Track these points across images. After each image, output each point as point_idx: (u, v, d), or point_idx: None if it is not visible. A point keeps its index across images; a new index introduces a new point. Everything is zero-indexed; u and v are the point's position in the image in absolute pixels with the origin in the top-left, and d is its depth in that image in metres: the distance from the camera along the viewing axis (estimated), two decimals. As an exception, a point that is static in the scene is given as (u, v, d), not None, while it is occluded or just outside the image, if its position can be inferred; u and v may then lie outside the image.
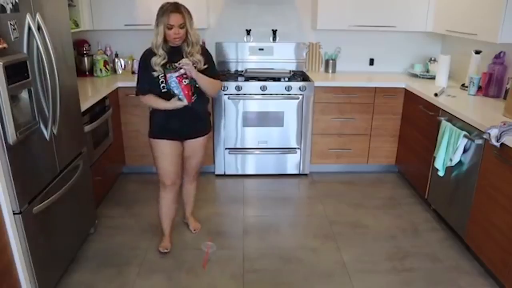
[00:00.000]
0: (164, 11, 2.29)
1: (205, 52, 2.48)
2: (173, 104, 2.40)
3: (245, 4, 3.97)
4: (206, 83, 2.43)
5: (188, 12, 2.35)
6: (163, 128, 2.51)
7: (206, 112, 2.65)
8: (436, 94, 3.17)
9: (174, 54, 2.39)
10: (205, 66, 2.44)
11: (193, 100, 2.41)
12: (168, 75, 2.33)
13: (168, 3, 2.34)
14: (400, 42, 4.13)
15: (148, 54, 2.40)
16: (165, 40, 2.35)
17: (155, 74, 2.37)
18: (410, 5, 3.70)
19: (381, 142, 3.84)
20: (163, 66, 2.37)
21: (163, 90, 2.41)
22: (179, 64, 2.32)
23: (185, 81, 2.34)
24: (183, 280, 2.44)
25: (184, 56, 2.38)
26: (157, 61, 2.36)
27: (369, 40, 4.12)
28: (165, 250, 2.69)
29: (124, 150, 3.75)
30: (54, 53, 2.15)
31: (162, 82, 2.38)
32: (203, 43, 3.95)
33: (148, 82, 2.41)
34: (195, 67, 2.37)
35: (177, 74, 2.31)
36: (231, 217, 3.18)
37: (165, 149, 2.52)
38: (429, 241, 2.88)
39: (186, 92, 2.35)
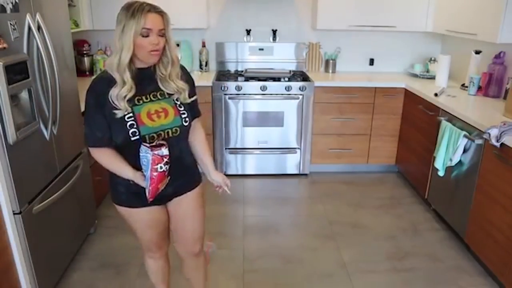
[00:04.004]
0: (136, 10, 1.47)
1: (186, 76, 1.67)
2: (139, 180, 1.55)
3: (245, 4, 3.96)
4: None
5: (167, 16, 1.54)
6: (131, 194, 1.65)
7: (194, 159, 1.86)
8: (436, 94, 3.17)
9: (143, 80, 1.55)
10: (193, 98, 1.68)
11: (159, 190, 1.53)
12: (142, 147, 1.49)
13: (137, 1, 1.51)
14: (400, 42, 4.13)
15: (102, 83, 1.51)
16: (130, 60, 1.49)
17: (118, 114, 1.48)
18: (410, 5, 3.70)
19: (381, 142, 3.84)
20: (130, 100, 1.51)
21: (133, 138, 1.50)
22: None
23: (161, 167, 1.47)
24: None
25: (159, 83, 1.58)
26: (121, 93, 1.47)
27: (369, 40, 4.12)
28: None
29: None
30: (54, 53, 2.15)
31: (131, 125, 1.50)
32: (203, 44, 3.97)
33: (101, 127, 1.52)
34: (177, 99, 1.61)
35: (156, 152, 1.45)
36: (231, 217, 3.18)
37: (142, 217, 1.73)
38: (429, 241, 2.88)
39: (154, 184, 1.49)
